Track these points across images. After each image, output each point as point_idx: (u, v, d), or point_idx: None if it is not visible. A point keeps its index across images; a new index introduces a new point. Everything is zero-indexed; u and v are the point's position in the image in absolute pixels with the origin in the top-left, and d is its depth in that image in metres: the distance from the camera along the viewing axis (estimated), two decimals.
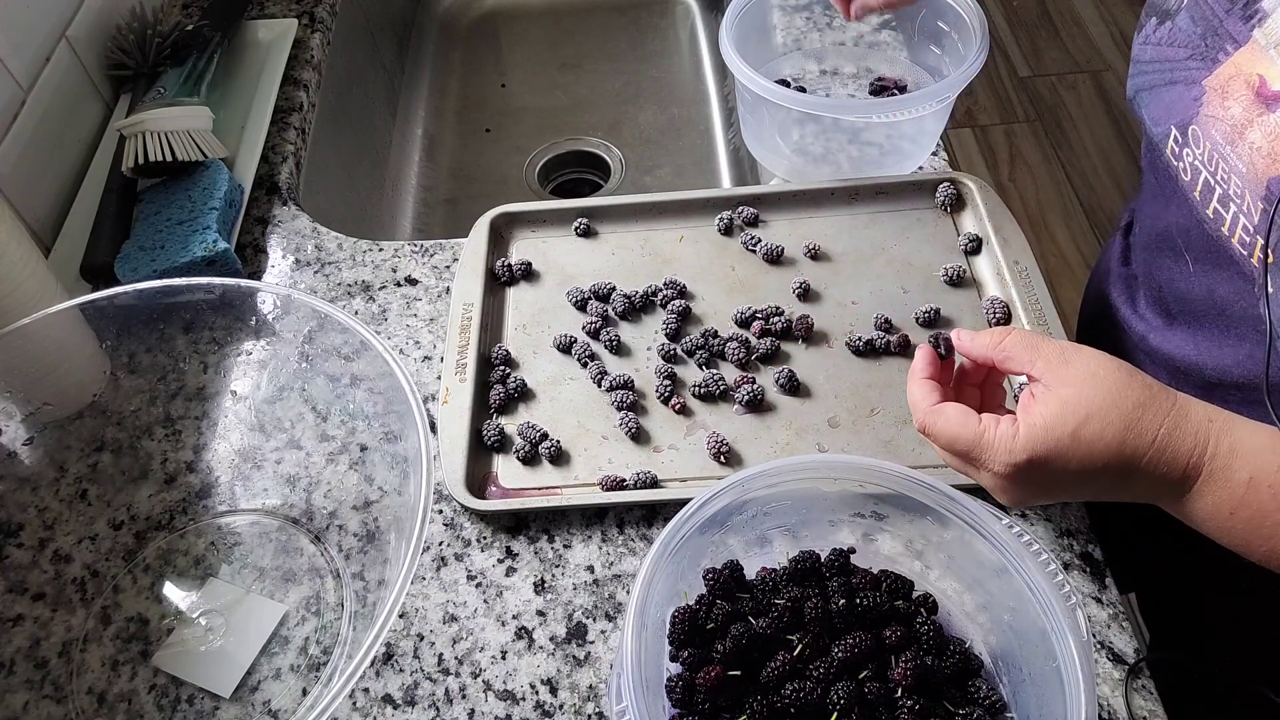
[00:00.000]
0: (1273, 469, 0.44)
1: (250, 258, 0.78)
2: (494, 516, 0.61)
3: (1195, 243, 0.57)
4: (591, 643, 0.56)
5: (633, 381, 0.66)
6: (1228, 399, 0.49)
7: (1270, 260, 0.48)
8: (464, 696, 0.55)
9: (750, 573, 0.53)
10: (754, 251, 0.74)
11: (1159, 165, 0.57)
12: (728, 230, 0.75)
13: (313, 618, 0.58)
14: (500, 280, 0.73)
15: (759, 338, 0.68)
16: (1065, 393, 0.47)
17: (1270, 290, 0.48)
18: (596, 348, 0.69)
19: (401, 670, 0.56)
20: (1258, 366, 0.54)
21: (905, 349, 0.67)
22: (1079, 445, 0.46)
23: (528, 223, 0.77)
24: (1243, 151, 0.48)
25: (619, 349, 0.69)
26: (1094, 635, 0.55)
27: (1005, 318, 0.68)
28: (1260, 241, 0.48)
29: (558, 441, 0.63)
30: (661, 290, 0.71)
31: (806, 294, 0.71)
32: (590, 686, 0.55)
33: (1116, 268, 0.71)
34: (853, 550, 0.53)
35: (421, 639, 0.57)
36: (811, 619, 0.49)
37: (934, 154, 0.81)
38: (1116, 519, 0.62)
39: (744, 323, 0.70)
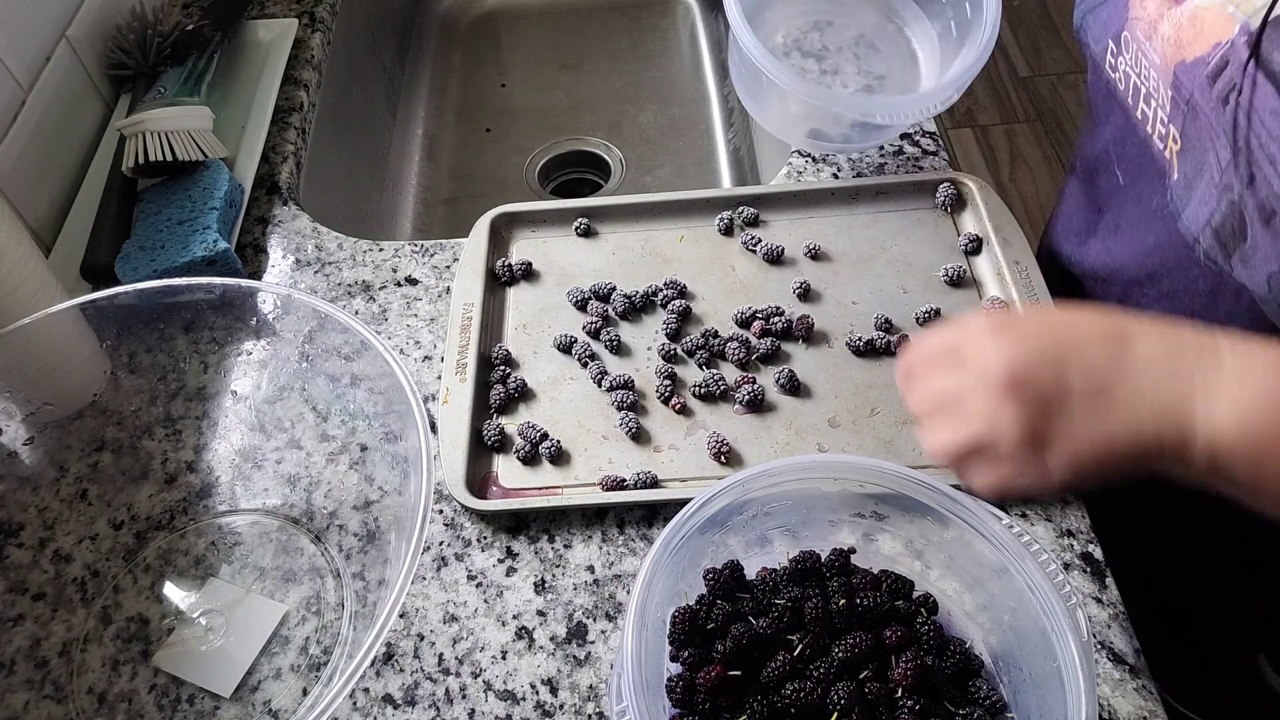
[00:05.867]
0: None
1: (250, 258, 0.78)
2: (494, 516, 0.61)
3: (1128, 152, 0.60)
4: (591, 643, 0.56)
5: (633, 381, 0.66)
6: (1144, 296, 0.51)
7: (1178, 148, 0.51)
8: (464, 696, 0.55)
9: (750, 573, 0.53)
10: (754, 251, 0.74)
11: (1099, 86, 0.61)
12: (728, 230, 0.75)
13: (313, 618, 0.58)
14: (500, 280, 0.73)
15: (759, 338, 0.68)
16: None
17: (1174, 176, 0.51)
18: (596, 348, 0.69)
19: (402, 670, 0.56)
20: (1164, 252, 0.57)
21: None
22: (1064, 310, 0.45)
23: (528, 223, 0.77)
24: (1156, 44, 0.52)
25: (619, 349, 0.69)
26: (1094, 635, 0.55)
27: None
28: (1172, 131, 0.52)
29: (558, 441, 0.63)
30: (661, 290, 0.71)
31: (806, 294, 0.71)
32: (590, 686, 0.55)
33: (1062, 212, 0.75)
34: (853, 550, 0.53)
35: (422, 639, 0.57)
36: (812, 619, 0.49)
37: (934, 154, 0.81)
38: (1116, 526, 0.62)
39: (744, 323, 0.70)
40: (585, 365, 0.68)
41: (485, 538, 0.61)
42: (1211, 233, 0.51)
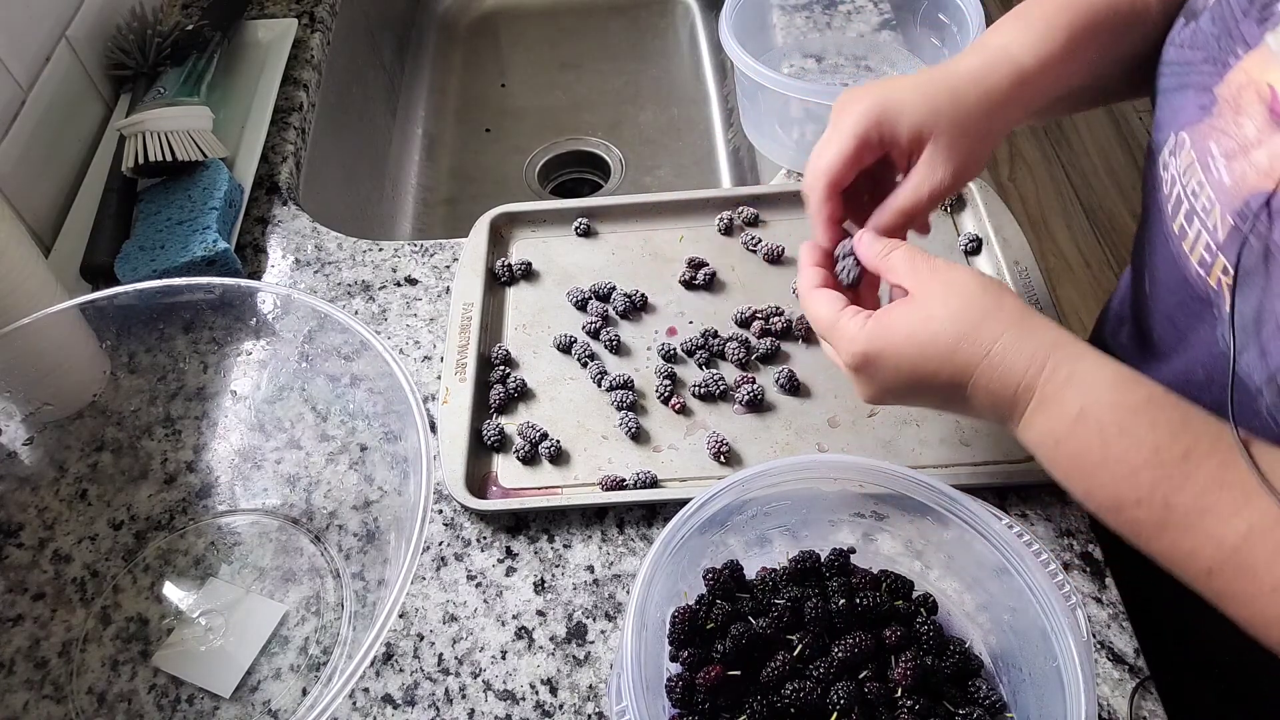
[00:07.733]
0: (1106, 405, 0.44)
1: (250, 258, 0.78)
2: (494, 516, 0.61)
3: (1156, 264, 0.55)
4: (591, 643, 0.56)
5: (633, 381, 0.66)
6: None
7: (1229, 280, 0.46)
8: (464, 696, 0.55)
9: (750, 573, 0.53)
10: (754, 251, 0.74)
11: (1149, 178, 0.55)
12: (728, 230, 0.75)
13: (313, 618, 0.58)
14: (500, 280, 0.73)
15: (759, 338, 0.68)
16: (919, 298, 0.48)
17: (1225, 309, 0.46)
18: (596, 347, 0.69)
19: (401, 670, 0.56)
20: (1222, 394, 0.50)
21: None
22: (912, 345, 0.47)
23: (528, 223, 0.77)
24: (1238, 167, 0.45)
25: (619, 349, 0.69)
26: (1094, 635, 0.55)
27: None
28: (1221, 261, 0.47)
29: (558, 441, 0.63)
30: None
31: None
32: (590, 686, 0.55)
33: (1114, 308, 0.69)
34: (853, 550, 0.53)
35: (421, 639, 0.57)
36: (811, 619, 0.49)
37: None
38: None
39: (744, 323, 0.70)
40: (585, 365, 0.68)
41: (485, 538, 0.61)
42: (1276, 389, 0.46)
